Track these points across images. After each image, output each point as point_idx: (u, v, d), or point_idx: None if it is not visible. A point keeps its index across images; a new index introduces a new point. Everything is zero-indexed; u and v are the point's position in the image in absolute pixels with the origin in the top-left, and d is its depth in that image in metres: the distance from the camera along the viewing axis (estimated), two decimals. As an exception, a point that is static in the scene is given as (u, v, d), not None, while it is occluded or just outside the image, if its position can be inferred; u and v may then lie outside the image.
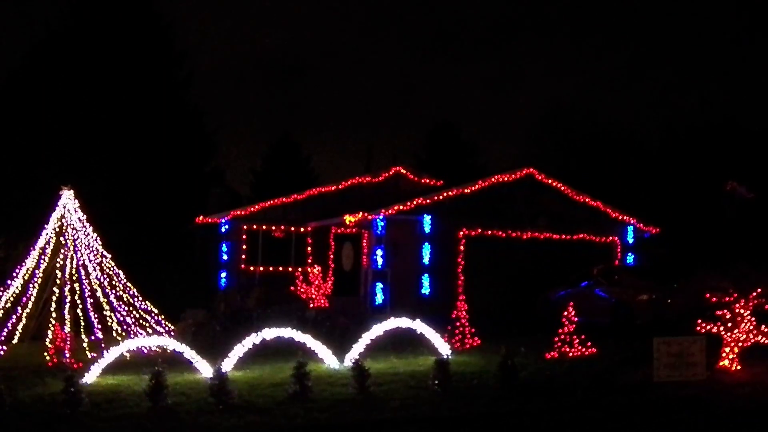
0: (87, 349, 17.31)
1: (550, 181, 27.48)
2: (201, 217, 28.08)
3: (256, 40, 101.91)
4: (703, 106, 48.92)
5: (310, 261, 28.03)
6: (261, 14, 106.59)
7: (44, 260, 18.83)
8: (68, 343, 16.89)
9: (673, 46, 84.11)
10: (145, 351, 17.85)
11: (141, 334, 18.78)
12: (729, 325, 14.69)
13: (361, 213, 25.04)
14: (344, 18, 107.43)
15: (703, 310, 15.15)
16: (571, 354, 16.55)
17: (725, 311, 14.75)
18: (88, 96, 34.72)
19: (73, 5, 37.54)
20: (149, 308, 19.87)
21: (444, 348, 16.26)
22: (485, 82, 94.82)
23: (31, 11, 64.84)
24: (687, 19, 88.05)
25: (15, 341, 18.61)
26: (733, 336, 14.64)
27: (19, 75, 36.21)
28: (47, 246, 18.94)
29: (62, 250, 18.68)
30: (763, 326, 14.87)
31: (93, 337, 18.00)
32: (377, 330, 16.22)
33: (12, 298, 18.83)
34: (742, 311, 14.74)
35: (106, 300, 18.70)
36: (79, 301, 18.10)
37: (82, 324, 17.96)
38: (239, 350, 14.47)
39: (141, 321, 19.28)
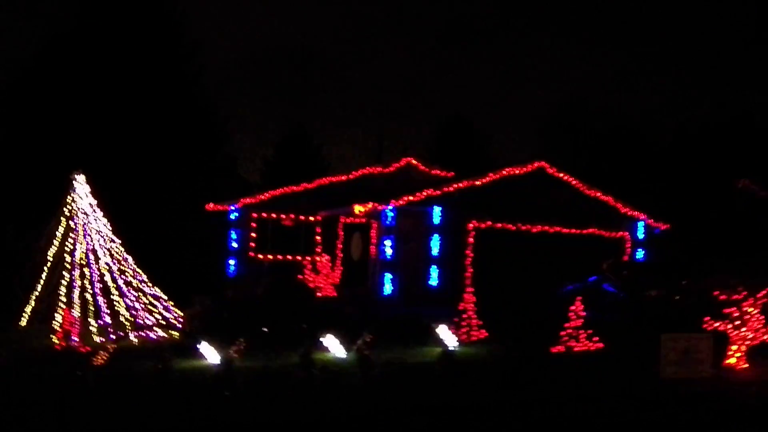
0: (95, 333, 17.39)
1: (561, 175, 27.37)
2: (211, 205, 28.11)
3: (268, 31, 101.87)
4: (716, 103, 48.81)
5: (318, 250, 28.02)
6: (273, 4, 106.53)
7: (54, 245, 18.89)
8: (76, 327, 16.95)
9: (688, 43, 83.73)
10: (154, 336, 17.95)
11: (149, 319, 18.84)
12: (737, 322, 14.64)
13: (370, 203, 25.00)
14: (356, 9, 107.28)
15: (711, 308, 15.11)
16: (577, 348, 16.52)
17: (733, 309, 14.70)
18: (100, 85, 34.74)
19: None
20: (158, 294, 19.94)
21: (450, 339, 16.26)
22: (498, 75, 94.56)
23: (45, 3, 65.05)
24: (702, 16, 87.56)
25: (24, 324, 18.72)
26: (741, 334, 14.59)
27: (33, 66, 36.31)
28: (58, 230, 19.01)
29: (72, 235, 18.75)
30: (771, 324, 14.83)
31: (101, 322, 18.09)
32: (384, 320, 16.23)
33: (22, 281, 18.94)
34: (750, 309, 14.69)
35: (114, 285, 18.77)
36: (88, 286, 18.17)
37: (91, 308, 18.03)
38: (246, 338, 14.49)
39: (149, 306, 19.34)
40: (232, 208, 27.84)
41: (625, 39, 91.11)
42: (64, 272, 18.24)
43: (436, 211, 25.33)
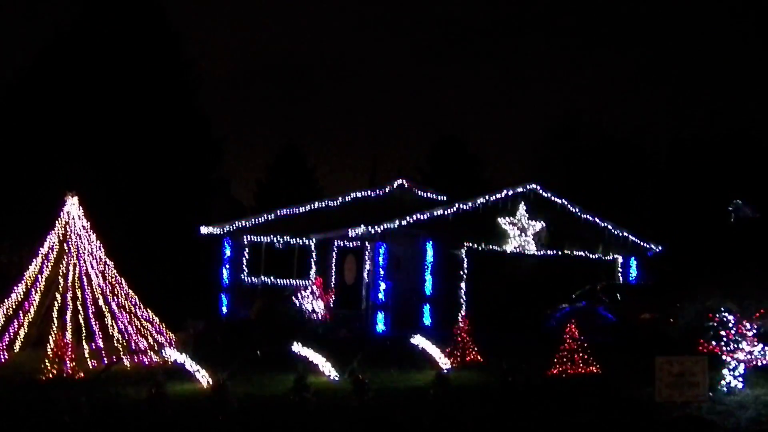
0: (88, 357, 17.26)
1: (554, 198, 27.47)
2: (204, 227, 28.09)
3: (261, 53, 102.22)
4: (711, 120, 48.96)
5: (312, 273, 28.01)
6: (267, 27, 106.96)
7: (47, 267, 18.80)
8: (69, 351, 16.82)
9: (681, 59, 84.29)
10: (146, 361, 17.82)
11: (142, 343, 18.73)
12: (732, 345, 14.62)
13: (363, 226, 25.04)
14: (350, 30, 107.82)
15: (705, 330, 15.11)
16: (572, 372, 16.48)
17: (728, 331, 14.69)
18: (94, 102, 34.78)
19: (82, 12, 37.56)
20: (151, 317, 19.82)
21: (445, 363, 16.21)
22: (491, 95, 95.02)
23: (40, 18, 65.13)
24: (696, 32, 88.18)
25: (17, 349, 18.58)
26: (736, 356, 14.57)
27: (26, 81, 36.32)
28: (50, 252, 18.93)
29: (65, 257, 18.66)
30: (766, 347, 14.81)
31: (94, 345, 17.97)
32: (378, 343, 16.19)
33: (14, 305, 18.81)
34: (745, 332, 14.68)
35: (107, 308, 18.65)
36: (80, 309, 18.06)
37: (84, 332, 17.91)
38: (240, 361, 14.41)
39: (142, 330, 19.23)
40: (226, 230, 27.84)
41: (618, 56, 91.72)
42: (56, 295, 18.13)
43: (429, 233, 25.40)
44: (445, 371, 14.40)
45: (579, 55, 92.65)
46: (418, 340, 16.57)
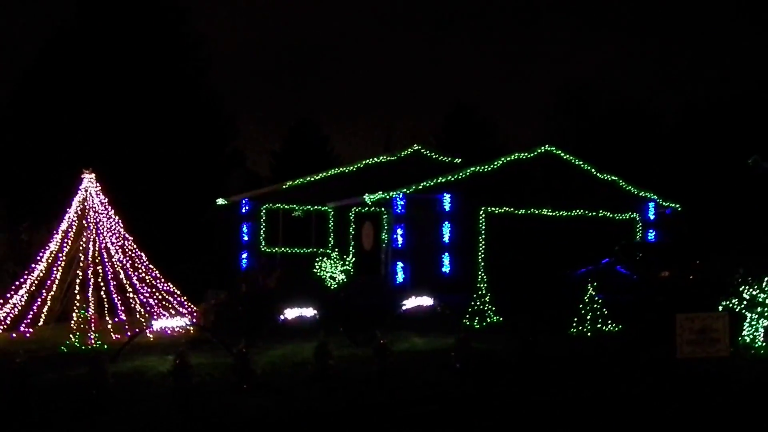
0: (111, 330, 17.46)
1: (569, 158, 27.35)
2: (221, 198, 28.16)
3: (274, 24, 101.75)
4: (723, 80, 48.34)
5: (330, 240, 28.08)
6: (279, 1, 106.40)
7: (67, 243, 18.95)
8: (93, 325, 17.02)
9: (692, 21, 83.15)
10: (169, 332, 17.98)
11: (164, 315, 18.89)
12: (752, 301, 14.58)
13: (380, 192, 25.03)
14: (362, 3, 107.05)
15: (725, 286, 15.06)
16: (592, 331, 16.50)
17: (748, 287, 14.64)
18: (107, 81, 34.83)
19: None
20: (172, 289, 19.98)
21: (465, 326, 16.26)
22: (503, 62, 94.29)
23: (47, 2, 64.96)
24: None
25: (40, 324, 18.82)
26: (757, 312, 14.54)
27: (41, 63, 36.42)
28: (70, 229, 19.08)
29: (85, 233, 18.80)
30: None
31: (117, 319, 18.17)
32: (398, 309, 16.25)
33: (36, 282, 19.01)
34: (764, 286, 14.63)
35: (128, 282, 18.82)
36: (102, 284, 18.23)
37: (106, 306, 18.10)
38: (261, 331, 14.53)
39: (164, 302, 19.40)
40: (243, 201, 27.91)
41: (627, 19, 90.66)
42: (78, 271, 18.30)
43: (446, 198, 25.37)
44: (466, 334, 14.42)
45: (588, 21, 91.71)
46: (439, 304, 16.60)
